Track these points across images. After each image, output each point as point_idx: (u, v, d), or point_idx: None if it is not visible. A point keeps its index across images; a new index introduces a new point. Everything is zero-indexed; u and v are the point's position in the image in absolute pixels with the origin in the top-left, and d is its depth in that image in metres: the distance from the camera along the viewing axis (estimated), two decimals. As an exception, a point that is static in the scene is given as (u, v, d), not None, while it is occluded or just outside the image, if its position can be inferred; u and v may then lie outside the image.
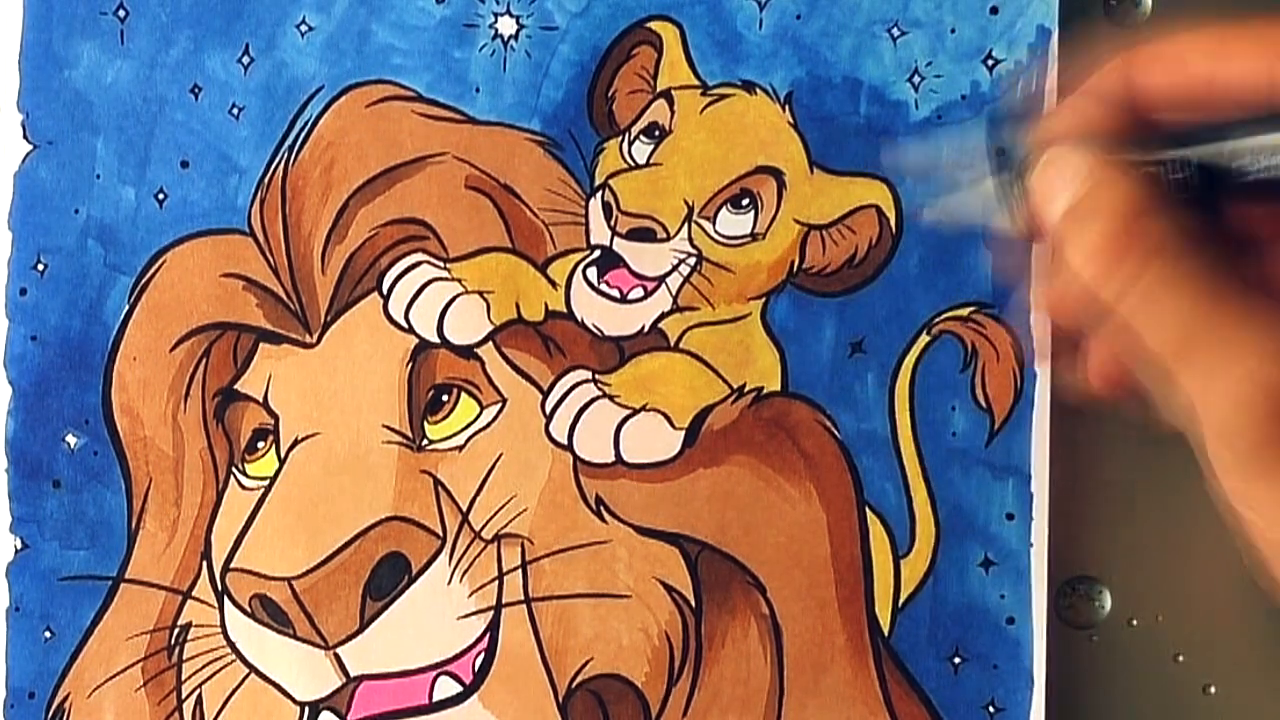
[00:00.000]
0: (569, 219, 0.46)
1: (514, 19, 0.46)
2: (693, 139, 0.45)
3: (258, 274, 0.47)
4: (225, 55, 0.48)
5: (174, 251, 0.48)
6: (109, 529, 0.48)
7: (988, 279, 0.44)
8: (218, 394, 0.47)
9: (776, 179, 0.45)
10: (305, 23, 0.47)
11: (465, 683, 0.46)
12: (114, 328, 0.48)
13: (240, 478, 0.47)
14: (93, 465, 0.48)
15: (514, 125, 0.46)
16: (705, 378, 0.45)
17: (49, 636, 0.48)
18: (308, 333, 0.47)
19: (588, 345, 0.45)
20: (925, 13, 0.44)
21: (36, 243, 0.48)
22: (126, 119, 0.48)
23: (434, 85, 0.47)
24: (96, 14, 0.48)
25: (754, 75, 0.45)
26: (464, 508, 0.46)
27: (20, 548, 0.48)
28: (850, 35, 0.45)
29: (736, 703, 0.45)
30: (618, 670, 0.45)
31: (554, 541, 0.45)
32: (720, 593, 0.45)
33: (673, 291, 0.45)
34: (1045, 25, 0.44)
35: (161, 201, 0.48)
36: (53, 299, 0.48)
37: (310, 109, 0.47)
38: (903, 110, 0.45)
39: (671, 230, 0.45)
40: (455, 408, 0.46)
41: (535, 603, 0.45)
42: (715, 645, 0.45)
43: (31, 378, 0.48)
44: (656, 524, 0.45)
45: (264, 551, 0.46)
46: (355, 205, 0.47)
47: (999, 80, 0.44)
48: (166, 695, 0.47)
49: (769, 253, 0.45)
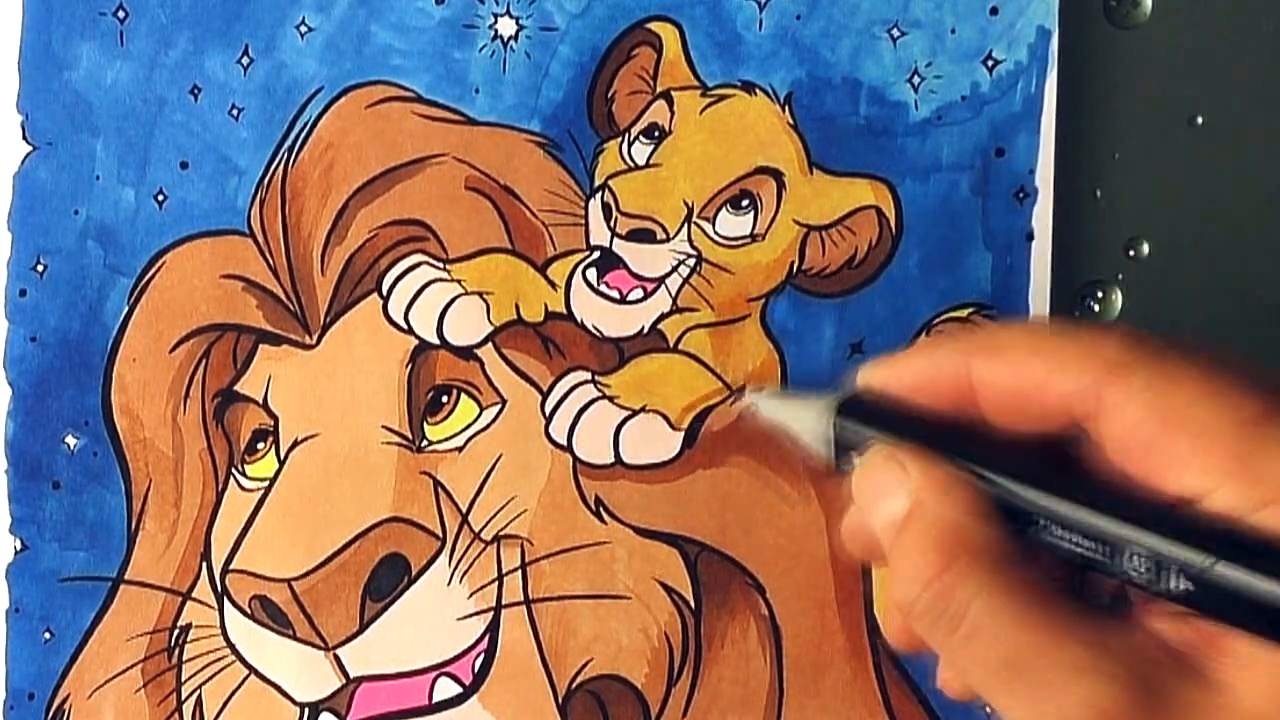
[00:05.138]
0: (568, 220, 0.46)
1: (514, 20, 0.46)
2: (692, 140, 0.45)
3: (257, 275, 0.47)
4: (225, 56, 0.48)
5: (173, 253, 0.48)
6: (109, 530, 0.48)
7: (987, 281, 0.44)
8: (217, 395, 0.47)
9: (776, 180, 0.45)
10: (305, 24, 0.47)
11: (465, 684, 0.46)
12: (114, 329, 0.48)
13: (240, 479, 0.47)
14: (92, 466, 0.48)
15: (514, 126, 0.46)
16: (704, 379, 0.45)
17: (49, 637, 0.48)
18: (307, 334, 0.47)
19: (587, 346, 0.45)
20: (925, 13, 0.44)
21: (36, 244, 0.48)
22: (126, 120, 0.48)
23: (434, 86, 0.47)
24: (96, 15, 0.48)
25: (754, 76, 0.45)
26: (464, 509, 0.46)
27: (20, 549, 0.48)
28: (850, 36, 0.45)
29: (736, 703, 0.45)
30: (617, 671, 0.45)
31: (554, 542, 0.45)
32: (719, 593, 0.45)
33: (672, 292, 0.45)
34: (1045, 26, 0.44)
35: (161, 202, 0.48)
36: (52, 300, 0.48)
37: (310, 110, 0.47)
38: (902, 111, 0.44)
39: (671, 231, 0.45)
40: (455, 409, 0.46)
41: (535, 604, 0.45)
42: (715, 646, 0.45)
43: (31, 379, 0.48)
44: (656, 525, 0.45)
45: (264, 553, 0.46)
46: (355, 206, 0.47)
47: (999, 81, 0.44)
48: (166, 696, 0.47)
49: (768, 254, 0.45)
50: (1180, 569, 0.28)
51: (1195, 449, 0.28)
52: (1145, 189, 0.44)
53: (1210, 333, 0.44)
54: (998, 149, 0.44)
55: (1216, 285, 0.44)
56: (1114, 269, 0.45)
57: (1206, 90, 0.44)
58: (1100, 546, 0.29)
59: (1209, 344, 0.31)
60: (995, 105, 0.44)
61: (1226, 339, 0.44)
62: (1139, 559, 0.29)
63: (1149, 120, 0.44)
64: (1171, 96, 0.44)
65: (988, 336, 0.33)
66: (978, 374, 0.32)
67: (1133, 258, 0.45)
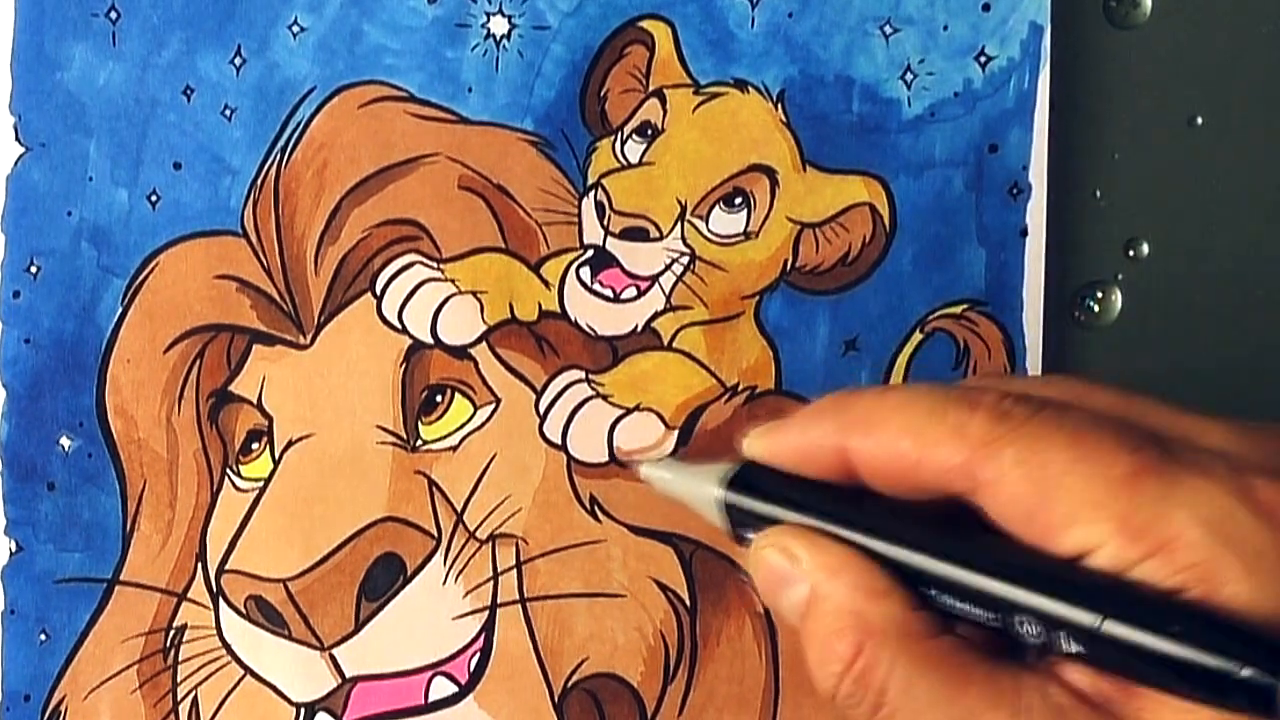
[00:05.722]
0: (562, 218, 0.46)
1: (506, 19, 0.46)
2: (685, 138, 0.45)
3: (251, 275, 0.47)
4: (217, 56, 0.47)
5: (167, 253, 0.48)
6: (104, 531, 0.48)
7: (981, 277, 0.44)
8: (212, 396, 0.47)
9: (769, 177, 0.45)
10: (297, 23, 0.47)
11: (461, 683, 0.46)
12: (107, 330, 0.48)
13: (235, 479, 0.47)
14: (87, 467, 0.48)
15: (506, 125, 0.46)
16: (699, 377, 0.45)
17: (44, 639, 0.48)
18: (301, 334, 0.47)
19: (581, 345, 0.45)
20: (917, 10, 0.44)
21: (29, 245, 0.48)
22: (119, 121, 0.48)
23: (426, 85, 0.46)
24: (88, 16, 0.48)
25: (746, 73, 0.45)
26: (458, 508, 0.46)
27: (15, 550, 0.48)
28: (842, 33, 0.45)
29: (732, 701, 0.45)
30: (613, 670, 0.45)
31: (548, 541, 0.45)
32: (715, 591, 0.45)
33: (666, 291, 0.45)
34: (1038, 22, 0.44)
35: (154, 203, 0.48)
36: (46, 301, 0.48)
37: (302, 110, 0.47)
38: (895, 108, 0.44)
39: (664, 229, 0.45)
40: (449, 408, 0.46)
41: (530, 602, 0.45)
42: (710, 644, 0.45)
43: (25, 380, 0.48)
44: (651, 523, 0.45)
45: (259, 553, 0.46)
46: (348, 206, 0.46)
47: (991, 77, 0.44)
48: (162, 697, 0.47)
49: (762, 251, 0.45)
50: (1070, 631, 0.28)
51: (1072, 516, 0.28)
52: (1145, 189, 0.44)
53: (1210, 332, 0.44)
54: (991, 145, 0.44)
55: (1216, 285, 0.44)
56: (1113, 269, 0.45)
57: (1206, 90, 0.44)
58: (992, 612, 0.30)
59: (1083, 391, 0.31)
60: (988, 101, 0.44)
61: (1226, 339, 0.44)
62: (1029, 624, 0.29)
63: (1148, 120, 0.44)
64: (1171, 96, 0.44)
65: (861, 412, 0.32)
66: (853, 451, 0.32)
67: (1132, 258, 0.45)
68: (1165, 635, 0.27)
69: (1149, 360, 0.44)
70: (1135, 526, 0.28)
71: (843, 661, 0.30)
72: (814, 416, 0.33)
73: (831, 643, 0.31)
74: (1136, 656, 0.27)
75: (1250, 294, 0.44)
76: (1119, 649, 0.28)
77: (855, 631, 0.30)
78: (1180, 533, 0.27)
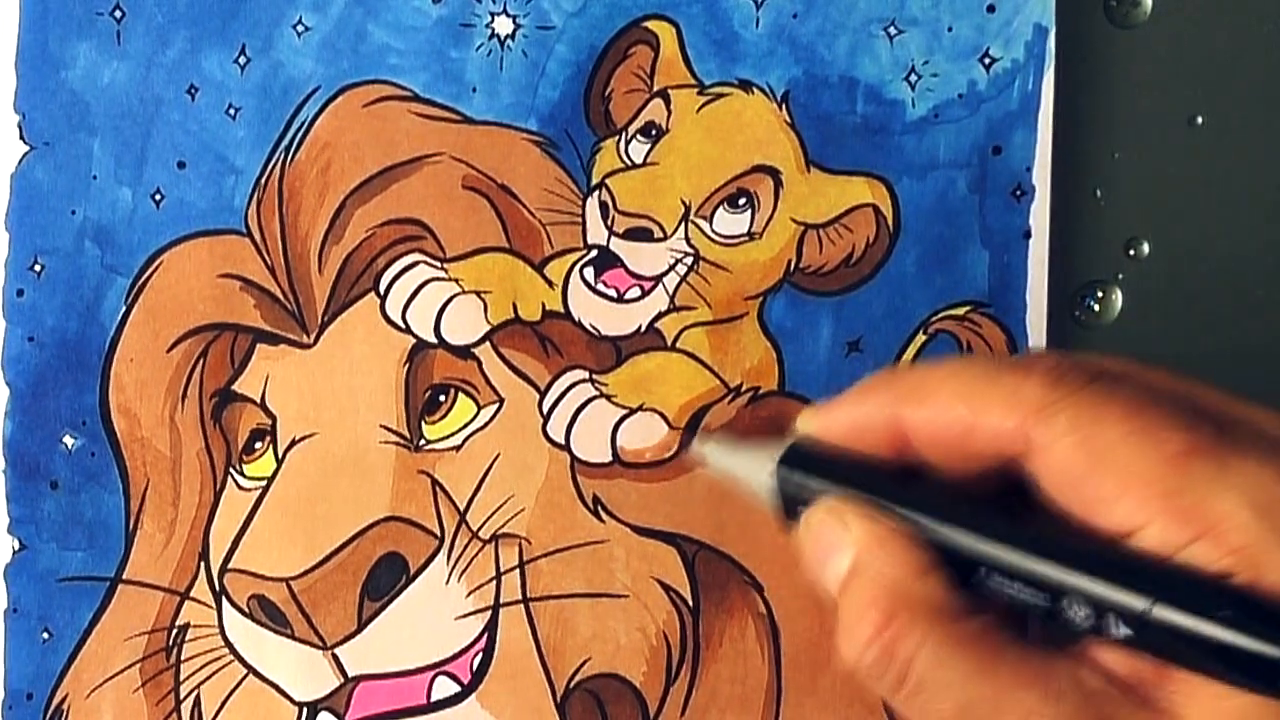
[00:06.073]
0: (566, 219, 0.46)
1: (511, 19, 0.46)
2: (689, 138, 0.45)
3: (255, 274, 0.47)
4: (222, 56, 0.48)
5: (171, 252, 0.48)
6: (107, 530, 0.48)
7: (984, 278, 0.44)
8: (215, 394, 0.47)
9: (773, 178, 0.45)
10: (301, 23, 0.47)
11: (463, 683, 0.46)
12: (111, 329, 0.48)
13: (238, 478, 0.47)
14: (90, 466, 0.48)
15: (511, 125, 0.46)
16: (702, 377, 0.45)
17: (47, 637, 0.48)
18: (305, 333, 0.47)
19: (585, 345, 0.45)
20: (922, 11, 0.44)
21: (33, 244, 0.48)
22: (123, 120, 0.48)
23: (431, 85, 0.46)
24: (93, 15, 0.48)
25: (750, 74, 0.45)
26: (461, 508, 0.46)
27: (18, 549, 0.48)
28: (847, 34, 0.45)
29: (734, 702, 0.45)
30: (615, 670, 0.45)
31: (551, 541, 0.45)
32: (718, 592, 0.45)
33: (669, 291, 0.45)
34: (1042, 24, 0.44)
35: (158, 202, 0.48)
36: (50, 300, 0.48)
37: (307, 109, 0.47)
38: (899, 109, 0.45)
39: (668, 230, 0.45)
40: (453, 408, 0.46)
41: (533, 602, 0.45)
42: (713, 644, 0.45)
43: (29, 379, 0.48)
44: (654, 523, 0.45)
45: (262, 552, 0.46)
46: (352, 205, 0.47)
47: (996, 79, 0.44)
48: (165, 696, 0.47)
49: (766, 252, 0.45)
50: (1119, 614, 0.28)
51: (1122, 488, 0.28)
52: (1145, 189, 0.45)
53: (1210, 332, 0.44)
54: (995, 147, 0.44)
55: (1216, 285, 0.44)
56: (1114, 269, 0.45)
57: (1206, 90, 0.44)
58: (1041, 594, 0.30)
59: (1137, 369, 0.31)
60: (992, 103, 0.44)
61: (1226, 338, 0.44)
62: (1079, 606, 0.29)
63: (1149, 120, 0.44)
64: (1171, 96, 0.44)
65: (914, 382, 0.32)
66: (908, 421, 0.32)
67: (1133, 257, 0.45)
68: (1215, 620, 0.27)
69: (1149, 359, 0.44)
70: (1183, 507, 0.28)
71: (873, 626, 0.30)
72: (867, 391, 0.33)
73: (864, 610, 0.31)
74: (1184, 641, 0.27)
75: (1250, 294, 0.44)
76: (1167, 633, 0.28)
77: (889, 600, 0.30)
78: (1229, 514, 0.27)
